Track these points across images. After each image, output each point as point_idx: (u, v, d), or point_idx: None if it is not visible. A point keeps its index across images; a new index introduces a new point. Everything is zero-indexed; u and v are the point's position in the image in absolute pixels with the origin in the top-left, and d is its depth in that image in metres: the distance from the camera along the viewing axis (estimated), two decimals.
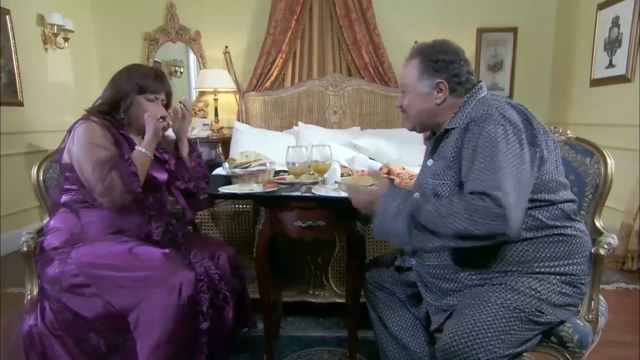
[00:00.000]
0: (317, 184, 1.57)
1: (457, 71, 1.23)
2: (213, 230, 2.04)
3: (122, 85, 1.45)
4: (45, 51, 3.67)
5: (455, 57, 1.24)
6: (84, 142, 1.36)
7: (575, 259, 1.15)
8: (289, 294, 2.08)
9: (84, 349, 1.28)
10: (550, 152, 1.16)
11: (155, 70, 1.54)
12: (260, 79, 4.08)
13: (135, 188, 1.34)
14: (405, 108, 1.32)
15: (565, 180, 1.20)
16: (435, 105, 1.25)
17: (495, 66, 4.23)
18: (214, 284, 1.39)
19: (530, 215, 1.13)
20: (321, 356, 1.84)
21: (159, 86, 1.49)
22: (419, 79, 1.25)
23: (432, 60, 1.23)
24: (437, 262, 1.23)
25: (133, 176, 1.33)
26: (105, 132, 1.40)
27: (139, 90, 1.45)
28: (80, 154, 1.36)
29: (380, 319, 1.45)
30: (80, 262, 1.30)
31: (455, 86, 1.23)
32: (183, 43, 4.29)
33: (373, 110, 3.95)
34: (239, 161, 1.74)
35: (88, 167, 1.33)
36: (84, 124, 1.39)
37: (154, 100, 1.48)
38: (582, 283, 1.16)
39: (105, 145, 1.37)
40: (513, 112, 1.13)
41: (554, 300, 1.11)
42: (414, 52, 1.29)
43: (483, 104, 1.17)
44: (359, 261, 1.59)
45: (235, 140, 3.58)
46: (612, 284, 2.60)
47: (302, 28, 4.07)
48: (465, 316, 1.07)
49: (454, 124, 1.22)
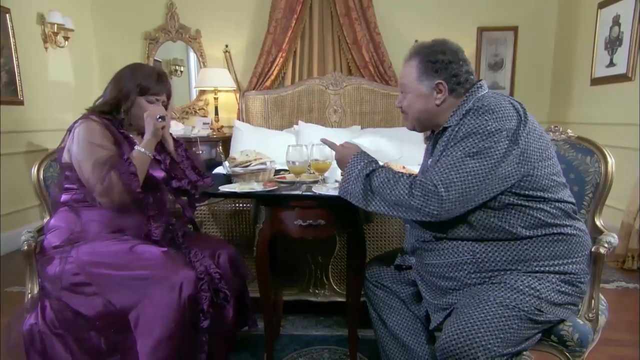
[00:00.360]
0: (317, 183, 1.57)
1: (456, 71, 1.22)
2: (213, 229, 2.04)
3: (124, 86, 1.44)
4: (45, 50, 3.67)
5: (454, 57, 1.23)
6: (83, 141, 1.36)
7: (575, 258, 1.16)
8: (289, 292, 2.09)
9: (85, 348, 1.28)
10: (544, 150, 1.15)
11: (157, 72, 1.53)
12: (261, 78, 4.08)
13: (135, 188, 1.33)
14: (405, 108, 1.32)
15: (563, 180, 1.20)
16: (435, 105, 1.25)
17: (495, 65, 4.22)
18: (215, 282, 1.39)
19: (529, 214, 1.13)
20: (321, 355, 1.84)
21: (160, 88, 1.48)
22: (418, 79, 1.25)
23: (430, 61, 1.23)
24: (436, 260, 1.23)
25: (132, 176, 1.33)
26: (105, 131, 1.40)
27: (140, 91, 1.44)
28: (79, 153, 1.36)
29: (380, 318, 1.45)
30: (80, 261, 1.30)
31: (455, 86, 1.23)
32: (183, 42, 4.29)
33: (373, 109, 3.95)
34: (239, 160, 1.74)
35: (87, 167, 1.33)
36: (84, 123, 1.39)
37: (155, 102, 1.47)
38: (582, 282, 1.16)
39: (105, 144, 1.37)
40: (509, 108, 1.13)
41: (554, 299, 1.11)
42: (413, 52, 1.29)
43: (480, 101, 1.18)
44: (359, 260, 1.59)
45: (235, 139, 3.58)
46: (612, 283, 2.60)
47: (303, 27, 4.06)
48: (464, 315, 1.07)
49: (451, 122, 1.22)
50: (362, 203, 1.22)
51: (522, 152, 1.11)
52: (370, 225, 1.98)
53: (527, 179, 1.12)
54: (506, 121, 1.11)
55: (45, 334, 1.27)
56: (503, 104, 1.15)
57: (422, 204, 1.10)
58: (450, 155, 1.12)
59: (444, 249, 1.21)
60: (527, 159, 1.11)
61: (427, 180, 1.11)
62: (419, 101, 1.27)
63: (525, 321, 1.07)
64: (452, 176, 1.09)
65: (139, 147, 1.40)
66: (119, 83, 1.46)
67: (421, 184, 1.11)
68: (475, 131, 1.11)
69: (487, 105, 1.14)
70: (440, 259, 1.22)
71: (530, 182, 1.12)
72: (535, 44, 4.13)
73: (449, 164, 1.11)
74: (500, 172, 1.10)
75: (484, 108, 1.13)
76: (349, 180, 1.25)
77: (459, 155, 1.11)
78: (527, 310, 1.08)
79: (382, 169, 1.22)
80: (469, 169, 1.09)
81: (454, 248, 1.19)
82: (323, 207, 1.51)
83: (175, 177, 1.53)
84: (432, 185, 1.10)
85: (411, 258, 1.36)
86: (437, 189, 1.09)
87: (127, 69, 1.49)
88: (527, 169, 1.11)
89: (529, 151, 1.12)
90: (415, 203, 1.11)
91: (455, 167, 1.10)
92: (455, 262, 1.19)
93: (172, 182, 1.52)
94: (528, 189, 1.12)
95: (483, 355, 1.00)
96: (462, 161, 1.10)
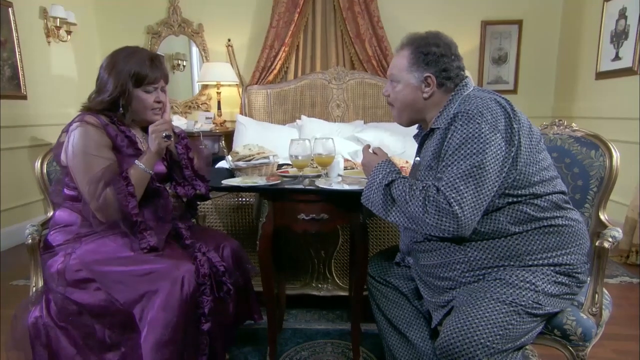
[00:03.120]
0: (320, 177, 1.57)
1: (447, 65, 1.20)
2: (216, 223, 2.05)
3: (119, 80, 1.34)
4: (48, 44, 3.66)
5: (447, 50, 1.21)
6: (78, 153, 1.29)
7: (569, 249, 1.14)
8: (292, 286, 2.09)
9: (89, 341, 1.28)
10: (534, 147, 1.14)
11: (150, 56, 1.41)
12: (263, 72, 4.07)
13: (131, 210, 1.28)
14: (392, 100, 1.30)
15: (553, 173, 1.19)
16: (422, 99, 1.24)
17: (499, 59, 4.19)
18: (219, 275, 1.39)
19: (517, 209, 1.12)
20: (324, 349, 1.85)
21: (156, 74, 1.39)
22: (408, 70, 1.23)
23: (422, 52, 1.21)
24: (430, 261, 1.23)
25: (130, 197, 1.28)
26: (102, 136, 1.33)
27: (136, 82, 1.36)
28: (75, 165, 1.30)
29: (382, 313, 1.45)
30: (83, 258, 1.30)
31: (444, 81, 1.21)
32: (186, 36, 4.28)
33: (376, 104, 3.93)
34: (242, 154, 1.73)
35: (82, 181, 1.28)
36: (79, 128, 1.31)
37: (153, 91, 1.40)
38: (579, 272, 1.15)
39: (102, 153, 1.31)
40: (496, 109, 1.11)
41: (550, 290, 1.11)
42: (405, 42, 1.27)
43: (466, 102, 1.15)
44: (361, 254, 1.59)
45: (238, 133, 3.57)
46: (615, 277, 2.59)
47: (305, 21, 4.05)
48: (462, 314, 1.07)
49: (438, 124, 1.21)
50: (382, 213, 1.19)
51: (517, 152, 1.10)
52: (373, 220, 1.98)
53: (519, 178, 1.11)
54: (498, 122, 1.09)
55: (50, 327, 1.28)
56: (489, 104, 1.12)
57: (437, 222, 1.07)
58: (455, 167, 1.08)
59: (436, 249, 1.21)
60: (520, 158, 1.10)
61: (440, 198, 1.07)
62: (406, 92, 1.25)
63: (524, 315, 1.07)
64: (463, 191, 1.06)
65: (139, 163, 1.33)
66: (113, 76, 1.36)
67: (435, 202, 1.07)
68: (471, 136, 1.08)
69: (475, 108, 1.11)
70: (433, 259, 1.22)
71: (521, 181, 1.11)
72: (540, 38, 4.10)
73: (457, 177, 1.07)
74: (503, 174, 1.09)
75: (472, 112, 1.10)
76: (370, 188, 1.23)
77: (465, 167, 1.07)
78: (525, 304, 1.07)
79: (400, 180, 1.18)
80: (477, 179, 1.06)
81: (445, 248, 1.19)
82: (326, 201, 1.51)
83: (175, 180, 1.50)
84: (446, 204, 1.06)
85: (408, 258, 1.36)
86: (451, 208, 1.05)
87: (119, 57, 1.38)
88: (520, 167, 1.11)
89: (522, 150, 1.11)
90: (430, 220, 1.08)
91: (465, 181, 1.06)
92: (448, 262, 1.19)
93: (177, 189, 1.49)
94: (519, 188, 1.11)
95: (482, 352, 1.00)
96: (469, 173, 1.06)
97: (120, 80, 1.35)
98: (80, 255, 1.30)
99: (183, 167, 1.51)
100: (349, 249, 2.00)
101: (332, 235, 2.00)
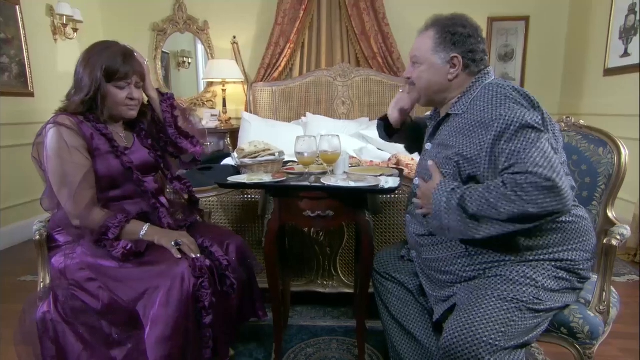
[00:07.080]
0: (326, 174, 1.57)
1: (473, 47, 1.19)
2: (222, 219, 2.05)
3: (91, 77, 1.35)
4: (54, 42, 3.69)
5: (474, 32, 1.20)
6: (52, 156, 1.29)
7: (571, 245, 1.13)
8: (297, 283, 2.09)
9: (96, 337, 1.29)
10: (557, 139, 1.14)
11: (122, 51, 1.41)
12: (269, 70, 4.07)
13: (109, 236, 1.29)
14: (415, 80, 1.28)
15: (567, 169, 1.17)
16: (447, 80, 1.22)
17: (506, 56, 4.16)
18: (222, 269, 1.39)
19: None
20: (329, 345, 1.85)
21: (127, 69, 1.37)
22: (433, 50, 1.22)
23: (450, 32, 1.20)
24: (432, 255, 1.23)
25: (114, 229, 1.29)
26: (75, 136, 1.32)
27: (107, 77, 1.35)
28: (49, 168, 1.30)
29: (387, 309, 1.45)
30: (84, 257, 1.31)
31: (469, 62, 1.20)
32: (191, 33, 4.28)
33: (382, 101, 3.92)
34: (247, 151, 1.73)
35: (58, 185, 1.29)
36: (52, 130, 1.32)
37: (126, 87, 1.39)
38: (581, 269, 1.14)
39: (75, 158, 1.30)
40: (522, 101, 1.11)
41: (551, 285, 1.10)
42: (430, 23, 1.25)
43: (491, 92, 1.14)
44: (367, 251, 1.59)
45: (243, 131, 3.58)
46: (623, 276, 2.57)
47: (311, 18, 4.04)
48: (464, 312, 1.06)
49: (456, 110, 1.20)
50: (468, 234, 1.08)
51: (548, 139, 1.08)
52: (378, 217, 1.97)
53: None
54: (535, 106, 1.09)
55: (58, 322, 1.28)
56: (520, 90, 1.12)
57: (541, 206, 0.98)
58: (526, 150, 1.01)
59: (438, 243, 1.21)
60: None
61: (533, 179, 0.98)
62: (430, 73, 1.23)
63: (526, 312, 1.06)
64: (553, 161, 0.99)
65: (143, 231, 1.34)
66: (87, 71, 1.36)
67: (531, 184, 0.97)
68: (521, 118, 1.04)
69: (503, 87, 1.11)
70: (435, 253, 1.22)
71: None
72: (547, 34, 4.06)
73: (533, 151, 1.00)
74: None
75: (501, 91, 1.10)
76: (438, 217, 1.12)
77: (533, 137, 1.02)
78: (526, 300, 1.06)
79: (468, 191, 1.07)
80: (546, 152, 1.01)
81: (447, 242, 1.19)
82: (331, 198, 1.50)
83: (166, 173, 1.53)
84: (544, 180, 0.97)
85: (412, 252, 1.36)
86: (553, 182, 0.96)
87: (94, 51, 1.39)
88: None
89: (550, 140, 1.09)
90: (533, 209, 0.98)
91: (542, 153, 1.00)
92: (449, 257, 1.19)
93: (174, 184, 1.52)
94: None
95: (485, 351, 0.99)
96: (537, 141, 1.02)
97: (93, 75, 1.35)
98: (81, 255, 1.31)
99: (167, 125, 1.49)
100: (354, 246, 2.00)
101: (337, 232, 2.00)
